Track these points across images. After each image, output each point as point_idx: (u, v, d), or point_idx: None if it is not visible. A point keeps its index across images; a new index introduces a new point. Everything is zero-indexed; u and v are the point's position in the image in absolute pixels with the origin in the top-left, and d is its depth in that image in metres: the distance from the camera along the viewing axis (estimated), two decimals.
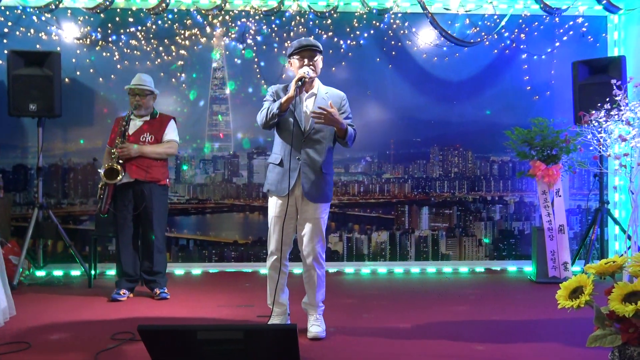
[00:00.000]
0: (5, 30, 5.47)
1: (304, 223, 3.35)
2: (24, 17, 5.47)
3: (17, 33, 5.47)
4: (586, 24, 5.79)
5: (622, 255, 2.38)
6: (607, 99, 4.53)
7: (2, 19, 5.44)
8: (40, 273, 5.37)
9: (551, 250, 5.02)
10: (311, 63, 3.29)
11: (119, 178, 4.27)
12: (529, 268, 5.54)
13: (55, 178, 5.62)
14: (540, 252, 5.07)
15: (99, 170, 4.37)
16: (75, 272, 5.42)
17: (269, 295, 3.46)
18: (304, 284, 3.47)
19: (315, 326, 3.39)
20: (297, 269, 3.69)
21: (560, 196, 5.08)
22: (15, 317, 3.79)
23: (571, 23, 5.78)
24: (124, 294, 4.42)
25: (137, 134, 4.44)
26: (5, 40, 5.46)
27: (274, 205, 3.39)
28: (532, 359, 3.00)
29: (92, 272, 5.01)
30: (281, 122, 3.33)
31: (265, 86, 5.59)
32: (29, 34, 5.48)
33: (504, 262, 5.84)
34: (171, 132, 4.54)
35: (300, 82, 3.19)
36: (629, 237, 4.65)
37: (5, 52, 5.18)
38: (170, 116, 4.67)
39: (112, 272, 5.37)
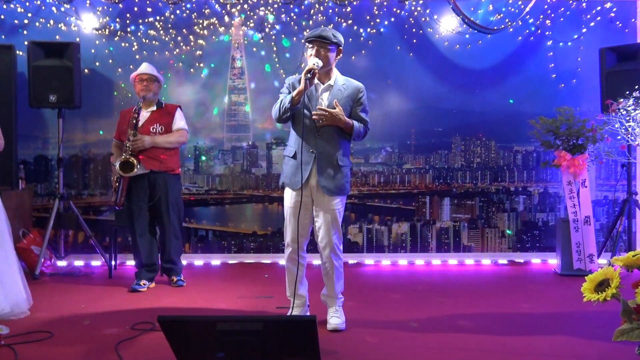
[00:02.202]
0: (25, 21, 5.48)
1: (320, 214, 3.32)
2: (43, 8, 5.48)
3: (37, 24, 5.49)
4: (614, 9, 5.60)
5: None
6: (636, 87, 4.45)
7: (22, 10, 5.45)
8: (62, 263, 5.42)
9: (576, 242, 4.91)
10: (319, 53, 3.23)
11: (134, 171, 4.30)
12: (553, 260, 5.43)
13: (76, 169, 5.65)
14: (565, 244, 4.96)
15: (114, 164, 4.37)
16: (96, 263, 5.45)
17: (287, 287, 3.45)
18: (322, 276, 3.44)
19: (335, 318, 3.37)
20: (317, 260, 3.65)
21: (586, 187, 4.96)
22: (37, 306, 3.83)
23: (599, 8, 5.60)
24: (144, 284, 4.44)
25: (147, 125, 4.46)
26: (25, 32, 5.47)
27: (289, 196, 3.37)
28: (557, 353, 2.95)
29: (113, 262, 5.05)
30: (296, 115, 3.30)
31: (284, 75, 5.54)
32: (48, 25, 5.49)
33: (528, 254, 5.73)
34: (180, 121, 4.57)
35: (309, 75, 3.15)
36: None
37: (26, 43, 5.21)
38: (175, 105, 4.69)
39: (132, 262, 5.39)
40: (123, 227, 5.12)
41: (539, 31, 5.65)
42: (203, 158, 5.77)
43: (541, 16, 5.62)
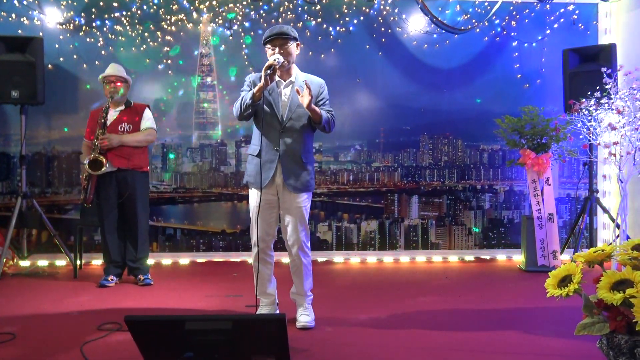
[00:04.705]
0: None
1: (286, 212, 3.32)
2: (4, 1, 5.33)
3: None
4: (577, 12, 5.75)
5: (610, 243, 2.38)
6: (597, 87, 4.53)
7: None
8: (25, 263, 5.29)
9: (540, 239, 5.01)
10: (281, 50, 3.22)
11: (103, 169, 4.32)
12: (518, 257, 5.53)
13: (39, 166, 5.51)
14: (530, 240, 5.06)
15: (83, 163, 4.36)
16: (61, 262, 5.34)
17: (256, 286, 3.40)
18: (291, 274, 3.44)
19: (304, 316, 3.37)
20: (285, 258, 3.65)
21: (549, 185, 5.07)
22: (0, 307, 3.74)
23: (562, 10, 5.74)
24: (112, 280, 4.49)
25: (115, 124, 4.48)
26: None
27: (254, 195, 3.34)
28: (521, 347, 2.99)
29: (78, 262, 4.95)
30: (258, 112, 3.27)
31: (253, 73, 5.50)
32: (10, 19, 5.34)
33: (494, 250, 5.83)
34: (148, 120, 4.60)
35: (269, 70, 3.12)
36: (618, 226, 4.66)
37: None
38: (144, 104, 4.71)
39: (97, 262, 5.30)
40: (89, 225, 5.03)
41: (505, 32, 5.76)
42: (171, 156, 5.70)
43: (507, 17, 5.73)
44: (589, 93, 4.57)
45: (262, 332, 2.36)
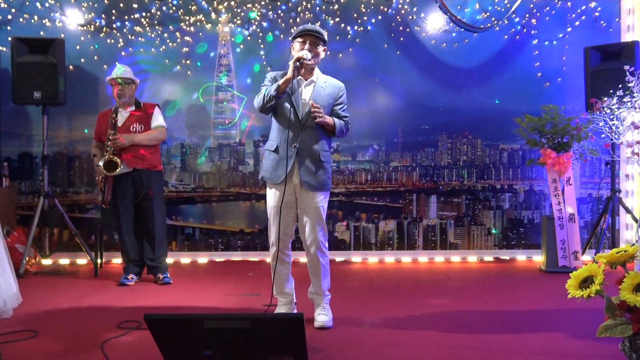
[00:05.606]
0: (9, 17, 5.42)
1: (304, 212, 3.31)
2: (27, 3, 5.42)
3: (21, 20, 5.43)
4: (599, 9, 5.66)
5: (633, 244, 2.34)
6: (620, 86, 4.45)
7: (6, 5, 5.39)
8: (47, 261, 5.36)
9: (561, 240, 4.95)
10: (311, 48, 3.23)
11: (118, 170, 4.37)
12: (538, 257, 5.47)
13: (61, 166, 5.60)
14: (550, 241, 5.00)
15: (98, 165, 4.40)
16: (81, 261, 5.41)
17: (274, 285, 3.43)
18: (308, 274, 3.44)
19: (322, 315, 3.37)
20: (303, 258, 3.64)
21: (570, 184, 5.01)
22: (22, 305, 3.78)
23: (583, 8, 5.67)
24: (131, 278, 4.55)
25: (127, 124, 4.53)
26: (8, 27, 5.42)
27: (272, 194, 3.35)
28: (541, 349, 2.96)
29: (98, 260, 5.00)
30: (279, 108, 3.28)
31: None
32: (32, 21, 5.43)
33: (513, 251, 5.77)
34: (158, 119, 4.64)
35: (298, 63, 3.13)
36: None
37: (9, 39, 5.15)
38: (154, 104, 4.75)
39: (118, 260, 5.35)
40: (109, 224, 5.10)
41: (525, 30, 5.70)
42: (189, 155, 5.74)
43: (527, 15, 5.67)
44: (611, 91, 4.50)
45: (279, 331, 2.36)
